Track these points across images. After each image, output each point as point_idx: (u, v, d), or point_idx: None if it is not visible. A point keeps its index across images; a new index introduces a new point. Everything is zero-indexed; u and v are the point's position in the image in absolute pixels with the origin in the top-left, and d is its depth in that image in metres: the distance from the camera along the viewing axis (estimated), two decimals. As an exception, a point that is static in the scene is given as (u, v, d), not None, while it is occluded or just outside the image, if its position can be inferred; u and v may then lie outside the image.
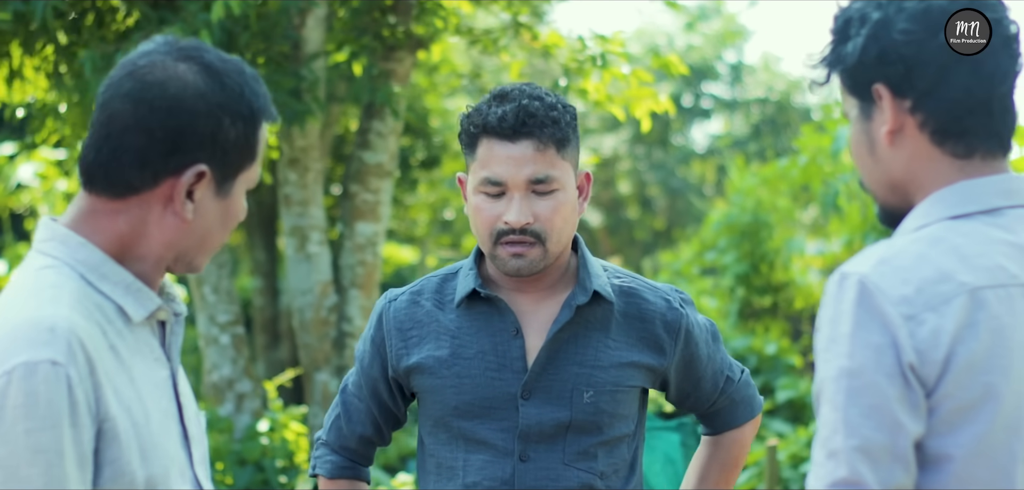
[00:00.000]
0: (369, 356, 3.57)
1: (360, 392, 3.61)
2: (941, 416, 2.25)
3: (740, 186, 12.84)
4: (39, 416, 2.26)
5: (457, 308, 3.49)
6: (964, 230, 2.34)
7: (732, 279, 12.30)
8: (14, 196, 14.43)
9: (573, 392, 3.42)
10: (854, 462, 2.20)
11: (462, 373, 3.44)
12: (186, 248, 2.52)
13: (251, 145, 2.51)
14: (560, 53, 9.06)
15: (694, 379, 3.62)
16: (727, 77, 28.56)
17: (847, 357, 2.24)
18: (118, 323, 2.45)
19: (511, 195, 3.37)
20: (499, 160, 3.37)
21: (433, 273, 3.60)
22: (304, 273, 9.28)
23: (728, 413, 3.73)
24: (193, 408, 2.66)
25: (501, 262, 3.40)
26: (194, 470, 2.58)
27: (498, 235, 3.38)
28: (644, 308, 3.52)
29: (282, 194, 9.34)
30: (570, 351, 3.44)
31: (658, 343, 3.51)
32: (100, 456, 2.34)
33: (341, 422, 3.63)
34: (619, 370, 3.46)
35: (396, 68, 9.08)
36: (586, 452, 3.45)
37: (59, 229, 2.49)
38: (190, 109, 2.43)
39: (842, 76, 2.44)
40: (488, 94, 3.46)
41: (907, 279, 2.26)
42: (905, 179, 2.41)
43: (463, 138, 3.44)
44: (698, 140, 29.93)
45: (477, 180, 3.40)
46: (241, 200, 2.55)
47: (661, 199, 28.21)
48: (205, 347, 9.51)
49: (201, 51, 2.49)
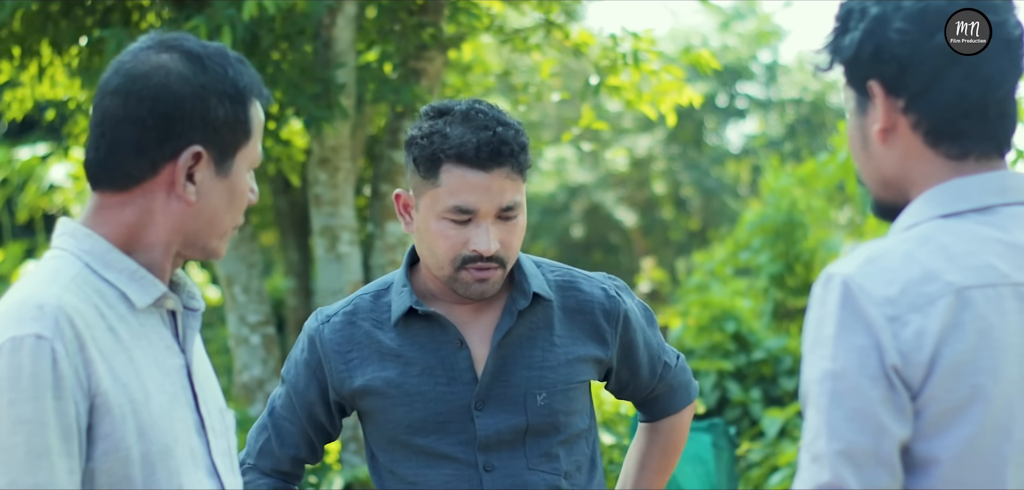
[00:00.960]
0: (304, 379, 3.48)
1: (292, 415, 3.51)
2: (927, 419, 2.21)
3: (775, 186, 12.78)
4: (22, 388, 2.34)
5: (395, 327, 3.42)
6: (954, 229, 2.30)
7: (766, 279, 12.24)
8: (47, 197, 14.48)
9: (526, 396, 3.39)
10: (837, 466, 2.17)
11: (412, 391, 3.39)
12: (195, 232, 2.58)
13: (243, 122, 2.58)
14: (591, 51, 9.03)
15: (633, 366, 3.58)
16: (762, 77, 28.47)
17: (831, 359, 2.20)
18: (120, 308, 2.52)
19: (479, 222, 3.31)
20: (472, 189, 3.29)
21: (363, 290, 3.53)
22: (334, 273, 9.26)
23: (667, 399, 3.70)
24: (216, 401, 2.72)
25: (462, 285, 3.35)
26: (213, 459, 2.62)
27: (463, 261, 3.33)
28: (582, 300, 3.49)
29: (312, 194, 9.31)
30: (517, 356, 3.40)
31: (600, 334, 3.49)
32: (94, 431, 2.42)
33: (272, 445, 3.54)
34: (568, 367, 3.43)
35: (426, 67, 9.06)
36: (548, 454, 3.41)
37: (70, 224, 2.58)
38: (176, 93, 2.52)
39: (841, 67, 2.42)
40: (432, 111, 3.39)
41: (892, 280, 2.22)
42: (898, 177, 2.38)
43: (421, 162, 3.33)
44: (733, 140, 29.86)
45: (443, 207, 3.30)
46: (244, 179, 2.61)
47: (696, 199, 28.16)
48: (235, 347, 9.50)
49: (182, 40, 2.58)
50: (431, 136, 3.32)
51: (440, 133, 3.31)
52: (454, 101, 3.39)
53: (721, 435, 6.74)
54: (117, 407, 2.42)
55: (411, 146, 3.36)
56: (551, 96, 10.38)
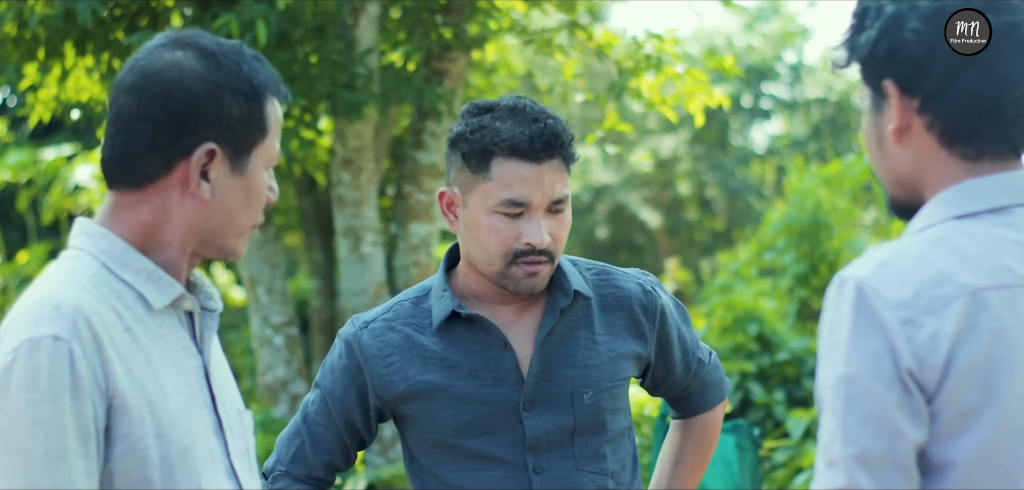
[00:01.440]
0: (342, 385, 3.45)
1: (328, 420, 3.48)
2: (943, 422, 2.18)
3: (799, 186, 12.73)
4: (40, 389, 2.32)
5: (437, 331, 3.40)
6: (968, 230, 2.27)
7: (791, 280, 12.19)
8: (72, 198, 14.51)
9: (573, 395, 3.37)
10: (852, 471, 2.15)
11: (459, 393, 3.36)
12: (211, 230, 2.56)
13: (258, 119, 2.56)
14: (614, 52, 9.03)
15: (669, 362, 3.56)
16: (787, 77, 28.42)
17: (845, 364, 2.18)
18: (137, 309, 2.50)
19: (531, 216, 3.30)
20: (525, 181, 3.29)
21: (402, 296, 3.51)
22: (357, 274, 9.26)
23: (700, 395, 3.69)
24: (234, 403, 2.70)
25: (513, 281, 3.33)
26: (231, 460, 2.61)
27: (515, 255, 3.32)
28: (619, 295, 3.48)
29: (335, 195, 9.33)
30: (561, 355, 3.39)
31: (639, 329, 3.47)
32: (112, 432, 2.40)
33: (306, 451, 3.50)
34: (612, 364, 3.42)
35: (449, 68, 9.07)
36: (596, 454, 3.40)
37: (87, 224, 2.56)
38: (189, 90, 2.50)
39: (857, 66, 2.40)
40: (475, 108, 3.39)
41: (906, 282, 2.20)
42: (912, 177, 2.36)
43: (472, 156, 3.32)
44: (758, 141, 29.82)
45: (495, 200, 3.30)
46: (261, 177, 2.59)
47: (721, 200, 28.13)
48: (259, 348, 9.52)
49: (196, 37, 2.56)
50: (481, 130, 3.31)
51: (490, 127, 3.30)
52: (496, 99, 3.39)
53: (745, 436, 6.72)
54: (135, 408, 2.41)
55: (458, 142, 3.35)
56: (574, 97, 10.38)
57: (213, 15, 7.94)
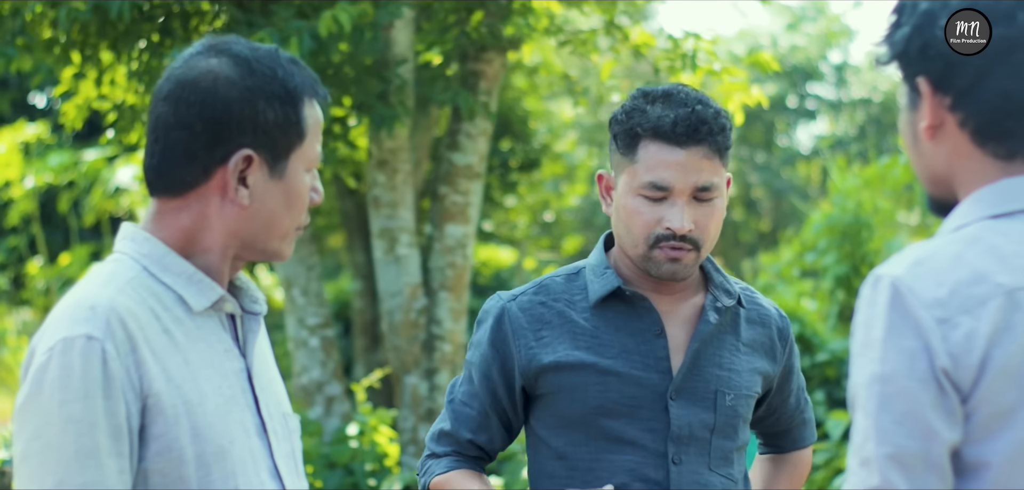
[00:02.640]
0: (489, 359, 3.44)
1: (474, 400, 3.47)
2: (978, 422, 2.17)
3: (841, 187, 12.71)
4: (73, 387, 2.37)
5: (592, 308, 3.40)
6: (1003, 229, 2.25)
7: (832, 281, 12.16)
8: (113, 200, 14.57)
9: (716, 395, 3.37)
10: (886, 470, 2.14)
11: (607, 371, 3.35)
12: (252, 235, 2.59)
13: (295, 123, 2.58)
14: (652, 53, 9.01)
15: (785, 394, 3.60)
16: (831, 77, 28.31)
17: (879, 362, 2.17)
18: (177, 311, 2.54)
19: (674, 200, 3.30)
20: (668, 165, 3.29)
21: (551, 274, 3.51)
22: (393, 275, 9.26)
23: (799, 432, 3.72)
24: (280, 405, 2.73)
25: (655, 265, 3.33)
26: (275, 461, 2.63)
27: (656, 239, 3.31)
28: (763, 313, 3.51)
29: (371, 196, 9.33)
30: (709, 353, 3.39)
31: (773, 351, 3.50)
32: (146, 431, 2.44)
33: (451, 432, 3.49)
34: (750, 375, 3.43)
35: (485, 69, 9.06)
36: (726, 457, 3.40)
37: (131, 228, 2.62)
38: (223, 98, 2.53)
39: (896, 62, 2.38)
40: (638, 93, 3.40)
41: (941, 281, 2.18)
42: (947, 175, 2.35)
43: (621, 138, 3.35)
44: (803, 141, 29.72)
45: (639, 183, 3.31)
46: (301, 179, 2.61)
47: (766, 201, 28.04)
48: (294, 350, 9.53)
49: (231, 44, 2.60)
50: (631, 113, 3.34)
51: (640, 110, 3.33)
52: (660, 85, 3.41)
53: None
54: (170, 408, 2.44)
55: (612, 124, 3.39)
56: (611, 97, 10.35)
57: (248, 24, 7.93)
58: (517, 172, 14.43)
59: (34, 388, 2.39)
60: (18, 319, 17.03)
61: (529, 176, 15.07)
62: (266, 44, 2.63)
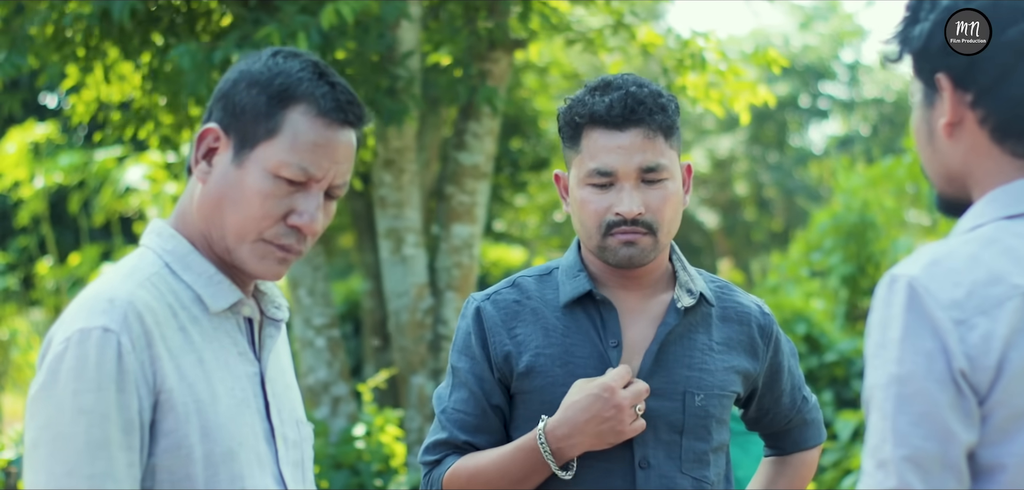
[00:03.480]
0: (479, 360, 3.37)
1: (470, 403, 3.38)
2: (994, 424, 2.15)
3: (846, 186, 12.70)
4: (87, 378, 2.36)
5: (563, 309, 3.37)
6: (1019, 230, 2.24)
7: (838, 281, 12.14)
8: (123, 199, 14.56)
9: (685, 395, 3.33)
10: (903, 472, 2.11)
11: (577, 373, 3.31)
12: (207, 218, 2.57)
13: (269, 117, 2.52)
14: (659, 52, 9.00)
15: (776, 393, 3.54)
16: (844, 77, 28.29)
17: (896, 363, 2.14)
18: (194, 310, 2.54)
19: (621, 185, 3.28)
20: (608, 150, 3.27)
21: (525, 272, 3.48)
22: (400, 275, 9.25)
23: (800, 433, 3.65)
24: (293, 413, 2.71)
25: (611, 253, 3.30)
26: (280, 467, 2.61)
27: (608, 227, 3.28)
28: (740, 310, 3.46)
29: (377, 196, 9.31)
30: (678, 353, 3.35)
31: (754, 348, 3.45)
32: (157, 427, 2.44)
33: (449, 438, 3.39)
34: (725, 374, 3.38)
35: (492, 68, 9.04)
36: (699, 459, 3.35)
37: (159, 224, 2.63)
38: (226, 79, 2.56)
39: (910, 58, 2.36)
40: (584, 87, 3.38)
41: (958, 282, 2.16)
42: (962, 173, 2.33)
43: (565, 131, 3.34)
44: (816, 141, 29.70)
45: (584, 172, 3.30)
46: (258, 178, 2.52)
47: (779, 201, 28.02)
48: (301, 350, 9.53)
49: (303, 52, 2.59)
50: (573, 105, 3.33)
51: (580, 101, 3.32)
52: (611, 75, 3.39)
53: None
54: (181, 405, 2.44)
55: (558, 120, 3.38)
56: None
57: (255, 21, 7.92)
58: (527, 172, 14.44)
59: (49, 377, 2.39)
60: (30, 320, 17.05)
61: (539, 176, 15.07)
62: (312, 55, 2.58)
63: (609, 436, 3.21)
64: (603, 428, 3.20)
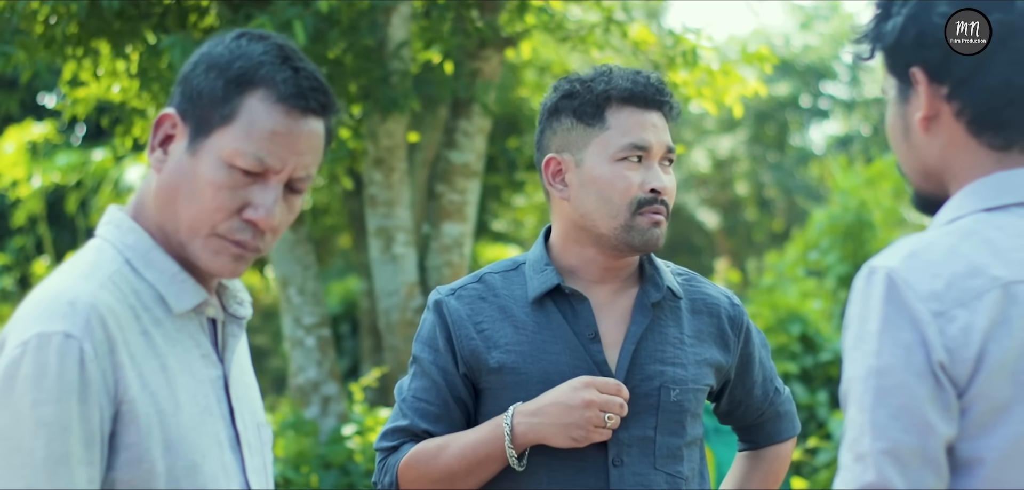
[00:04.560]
0: (443, 352, 3.32)
1: (431, 393, 3.32)
2: (973, 417, 2.14)
3: (843, 185, 12.70)
4: (46, 388, 2.22)
5: (531, 304, 3.33)
6: (998, 222, 2.23)
7: (835, 280, 12.14)
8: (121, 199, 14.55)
9: (660, 391, 3.30)
10: (882, 466, 2.10)
11: (549, 369, 3.27)
12: (160, 209, 2.41)
13: (223, 101, 2.36)
14: (651, 50, 8.99)
15: (748, 385, 3.51)
16: (845, 77, 28.30)
17: (875, 356, 2.13)
18: (157, 311, 2.40)
19: (650, 163, 3.28)
20: (644, 126, 3.28)
21: (489, 268, 3.44)
22: (390, 274, 9.23)
23: (772, 426, 3.62)
24: (254, 415, 2.58)
25: (638, 232, 3.26)
26: (246, 476, 2.50)
27: (639, 204, 3.26)
28: (709, 302, 3.44)
29: (367, 195, 9.30)
30: (650, 349, 3.32)
31: (724, 339, 3.43)
32: (117, 439, 2.30)
33: (409, 425, 3.33)
34: (697, 368, 3.36)
35: (483, 66, 9.03)
36: (673, 455, 3.32)
37: (117, 214, 2.46)
38: (189, 61, 2.42)
39: (882, 55, 2.34)
40: (568, 78, 3.35)
41: (937, 274, 2.15)
42: (939, 167, 2.32)
43: (587, 107, 3.29)
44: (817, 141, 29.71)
45: (615, 148, 3.26)
46: (211, 166, 2.36)
47: (780, 201, 28.01)
48: (290, 349, 9.50)
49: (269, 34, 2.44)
50: (591, 83, 3.30)
51: (600, 79, 3.30)
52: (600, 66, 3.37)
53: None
54: (144, 417, 2.30)
55: (564, 103, 3.33)
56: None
57: (246, 16, 7.91)
58: (524, 171, 14.41)
59: (4, 385, 2.23)
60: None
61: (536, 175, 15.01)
62: (281, 37, 2.44)
63: (572, 430, 3.17)
64: (566, 418, 3.17)
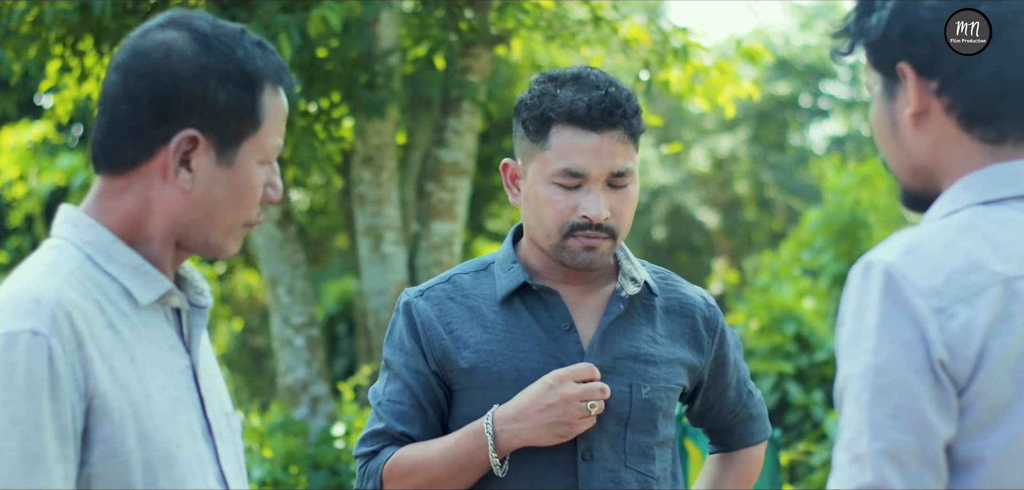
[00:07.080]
0: (413, 353, 3.29)
1: (404, 395, 3.29)
2: (972, 416, 2.09)
3: (836, 185, 12.70)
4: (16, 387, 2.22)
5: (500, 304, 3.29)
6: (996, 216, 2.18)
7: (829, 280, 12.13)
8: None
9: (632, 387, 3.25)
10: (880, 466, 2.05)
11: (521, 367, 3.23)
12: (193, 223, 2.43)
13: (249, 109, 2.41)
14: (641, 48, 8.97)
15: (722, 386, 3.47)
16: (845, 76, 28.28)
17: (873, 353, 2.08)
18: (122, 304, 2.39)
19: (589, 188, 3.19)
20: (581, 151, 3.18)
21: (459, 268, 3.40)
22: (379, 273, 9.21)
23: (745, 428, 3.57)
24: (222, 405, 2.59)
25: (570, 254, 3.22)
26: (221, 466, 2.50)
27: (571, 228, 3.20)
28: (684, 302, 3.39)
29: (356, 193, 9.29)
30: (623, 345, 3.27)
31: (698, 340, 3.37)
32: (90, 434, 2.29)
33: (386, 428, 3.29)
34: (669, 367, 3.31)
35: (473, 64, 9.02)
36: (644, 453, 3.27)
37: (72, 212, 2.45)
38: (174, 73, 2.37)
39: (866, 50, 2.29)
40: (543, 77, 3.29)
41: (936, 269, 2.10)
42: (930, 164, 2.26)
43: (530, 124, 3.23)
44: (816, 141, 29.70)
45: (552, 170, 3.20)
46: (252, 171, 2.44)
47: (780, 200, 27.99)
48: (279, 349, 9.50)
49: (192, 18, 2.44)
50: (541, 97, 3.23)
51: (550, 94, 3.22)
52: (575, 67, 3.30)
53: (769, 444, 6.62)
54: (116, 410, 2.29)
55: (519, 111, 3.28)
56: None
57: (232, 18, 7.87)
58: (518, 170, 14.41)
59: None
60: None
61: (530, 174, 15.01)
62: (233, 24, 2.47)
63: (557, 428, 3.14)
64: (549, 418, 3.13)
